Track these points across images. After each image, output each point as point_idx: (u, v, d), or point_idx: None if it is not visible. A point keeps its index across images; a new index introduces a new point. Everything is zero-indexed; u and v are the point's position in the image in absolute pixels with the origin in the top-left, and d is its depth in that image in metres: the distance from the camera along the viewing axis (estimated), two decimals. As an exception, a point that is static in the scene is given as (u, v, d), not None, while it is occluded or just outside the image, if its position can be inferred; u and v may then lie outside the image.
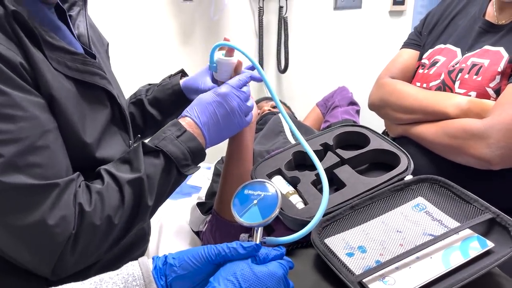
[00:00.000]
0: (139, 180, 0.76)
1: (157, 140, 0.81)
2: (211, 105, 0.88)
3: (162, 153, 0.80)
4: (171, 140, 0.82)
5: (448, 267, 0.74)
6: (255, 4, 1.95)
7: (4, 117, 0.63)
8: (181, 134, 0.83)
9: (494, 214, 0.81)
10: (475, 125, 1.01)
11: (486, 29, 1.14)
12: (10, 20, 0.67)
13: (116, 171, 0.77)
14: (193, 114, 0.87)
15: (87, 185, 0.74)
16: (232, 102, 0.90)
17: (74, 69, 0.77)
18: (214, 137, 0.89)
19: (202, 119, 0.86)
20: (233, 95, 0.90)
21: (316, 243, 0.83)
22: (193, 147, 0.83)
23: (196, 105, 0.89)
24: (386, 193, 0.93)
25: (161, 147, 0.80)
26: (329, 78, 2.17)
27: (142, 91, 1.18)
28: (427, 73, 1.23)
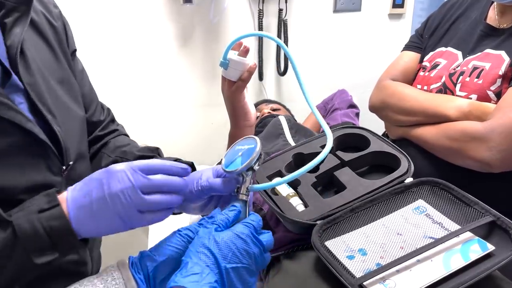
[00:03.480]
0: None
1: (18, 208, 0.64)
2: (92, 181, 0.66)
3: (10, 226, 0.62)
4: (30, 212, 0.63)
5: (448, 270, 0.74)
6: (254, 6, 1.95)
7: None
8: (48, 208, 0.63)
9: (495, 217, 0.81)
10: (476, 128, 1.01)
11: (488, 32, 1.14)
12: None
13: None
14: (73, 187, 0.67)
15: None
16: (115, 185, 0.63)
17: None
18: (82, 222, 0.64)
19: (73, 194, 0.66)
20: (123, 176, 0.64)
21: (316, 245, 0.82)
22: (56, 227, 0.62)
23: (84, 179, 0.68)
24: (387, 196, 0.93)
25: (12, 219, 0.62)
26: (328, 81, 2.17)
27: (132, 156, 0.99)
28: (428, 76, 1.23)
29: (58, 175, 0.79)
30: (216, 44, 1.95)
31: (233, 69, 1.01)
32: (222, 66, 1.00)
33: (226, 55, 0.99)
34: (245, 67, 1.02)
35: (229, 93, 1.08)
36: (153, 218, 0.66)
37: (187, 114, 2.00)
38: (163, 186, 0.66)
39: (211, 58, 1.96)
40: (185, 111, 1.99)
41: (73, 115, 0.87)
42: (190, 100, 1.99)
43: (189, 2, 1.79)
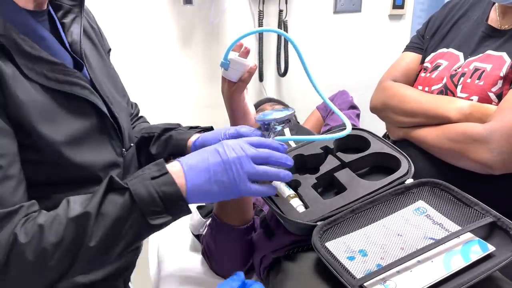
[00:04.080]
0: (85, 216, 0.67)
1: (131, 177, 0.72)
2: (205, 151, 0.77)
3: (128, 192, 0.70)
4: (143, 179, 0.71)
5: (449, 270, 0.74)
6: (255, 7, 1.96)
7: None
8: (159, 176, 0.72)
9: (495, 218, 0.81)
10: (477, 129, 1.01)
11: (489, 33, 1.14)
12: None
13: (73, 203, 0.69)
14: (184, 159, 0.76)
15: (35, 217, 0.68)
16: (230, 153, 0.75)
17: (53, 79, 0.76)
18: (198, 186, 0.73)
19: (189, 163, 0.75)
20: (236, 147, 0.76)
21: (317, 246, 0.82)
22: (168, 192, 0.71)
23: (195, 152, 0.79)
24: (387, 197, 0.93)
25: (129, 185, 0.70)
26: (329, 82, 2.17)
27: (158, 129, 1.10)
28: (429, 77, 1.23)
29: (120, 156, 0.90)
30: (216, 45, 1.95)
31: (234, 70, 1.01)
32: (222, 67, 1.00)
33: (227, 55, 0.99)
34: (245, 68, 1.02)
35: (229, 94, 1.08)
36: (258, 190, 0.76)
37: (187, 115, 2.00)
38: (270, 158, 0.77)
39: (211, 59, 1.96)
40: (185, 111, 1.99)
41: (121, 106, 0.96)
42: (190, 101, 2.00)
43: (190, 3, 1.79)
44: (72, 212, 0.67)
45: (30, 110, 0.71)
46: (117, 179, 0.71)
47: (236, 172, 0.74)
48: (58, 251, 0.66)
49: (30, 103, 0.71)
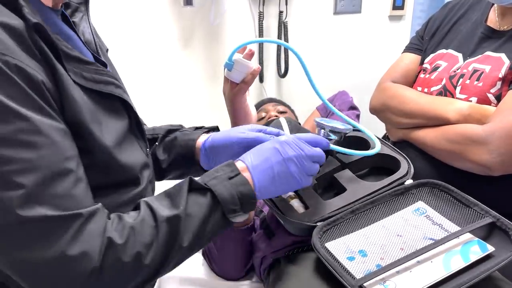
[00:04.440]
0: (176, 217, 0.70)
1: (208, 178, 0.75)
2: (266, 150, 0.82)
3: (209, 192, 0.74)
4: (222, 180, 0.75)
5: (448, 271, 0.74)
6: (255, 9, 1.96)
7: (24, 144, 0.58)
8: (234, 176, 0.76)
9: (494, 218, 0.82)
10: (476, 131, 1.01)
11: (488, 35, 1.15)
12: (32, 33, 0.62)
13: (156, 205, 0.71)
14: (246, 158, 0.81)
15: (120, 217, 0.69)
16: (291, 151, 0.81)
17: (90, 80, 0.73)
18: (265, 186, 0.79)
19: (254, 163, 0.80)
20: (294, 145, 0.82)
21: (317, 247, 0.83)
22: (244, 192, 0.76)
23: (252, 151, 0.83)
24: (387, 197, 0.93)
25: (210, 186, 0.74)
26: (329, 83, 2.17)
27: (162, 130, 1.10)
28: (428, 78, 1.23)
29: (147, 156, 0.89)
30: (216, 46, 1.95)
31: (237, 71, 1.02)
32: (226, 67, 1.01)
33: (232, 56, 0.99)
34: (249, 70, 1.03)
35: (231, 95, 1.09)
36: (309, 181, 0.84)
37: (188, 116, 2.01)
38: (322, 158, 0.86)
39: (211, 60, 1.96)
40: (186, 112, 1.99)
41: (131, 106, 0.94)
42: (191, 102, 2.00)
43: (190, 4, 1.79)
44: (162, 213, 0.69)
45: (84, 112, 0.69)
46: (196, 180, 0.74)
47: (298, 170, 0.81)
48: (152, 252, 0.67)
49: (83, 105, 0.69)
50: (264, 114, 1.74)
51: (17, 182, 0.57)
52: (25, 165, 0.58)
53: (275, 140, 0.83)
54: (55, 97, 0.64)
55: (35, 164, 0.59)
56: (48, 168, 0.60)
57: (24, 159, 0.58)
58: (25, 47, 0.61)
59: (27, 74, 0.59)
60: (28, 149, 0.59)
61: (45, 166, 0.60)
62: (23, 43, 0.61)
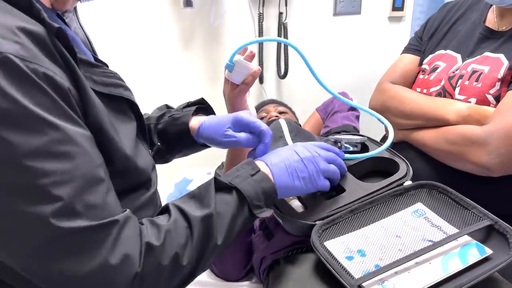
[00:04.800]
0: (209, 217, 0.71)
1: (230, 177, 0.78)
2: (284, 151, 0.88)
3: (235, 190, 0.75)
4: (244, 178, 0.78)
5: (447, 272, 0.74)
6: (255, 10, 1.96)
7: (59, 155, 0.57)
8: (255, 173, 0.79)
9: (493, 221, 0.82)
10: (475, 132, 1.01)
11: (487, 35, 1.15)
12: (53, 39, 0.61)
13: (186, 206, 0.72)
14: (265, 158, 0.86)
15: (152, 221, 0.68)
16: (307, 152, 0.87)
17: (100, 83, 0.72)
18: (285, 181, 0.83)
19: (273, 161, 0.84)
20: (310, 149, 0.88)
21: (315, 245, 0.83)
22: (267, 188, 0.79)
23: (270, 153, 0.88)
24: (386, 198, 0.93)
25: (235, 184, 0.76)
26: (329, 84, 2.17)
27: (152, 118, 1.10)
28: (427, 79, 1.23)
29: (151, 158, 0.87)
30: (216, 47, 1.96)
31: (238, 72, 1.02)
32: (227, 68, 1.01)
33: (233, 57, 0.99)
34: (249, 71, 1.03)
35: (231, 96, 1.09)
36: (327, 184, 0.89)
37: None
38: (336, 161, 0.92)
39: (211, 61, 1.97)
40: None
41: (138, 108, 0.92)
42: (191, 103, 2.00)
43: (190, 5, 1.79)
44: (194, 214, 0.70)
45: (104, 118, 0.67)
46: (220, 179, 0.76)
47: (314, 169, 0.86)
48: (188, 253, 0.68)
49: (102, 111, 0.68)
50: (264, 114, 1.74)
51: (55, 194, 0.55)
52: (61, 177, 0.56)
53: (293, 145, 0.90)
54: (79, 104, 0.63)
55: (71, 174, 0.58)
56: (83, 177, 0.59)
57: (60, 171, 0.57)
58: (48, 53, 0.59)
59: (55, 82, 0.57)
60: (63, 160, 0.57)
61: (80, 176, 0.58)
62: (47, 49, 0.59)
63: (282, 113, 1.86)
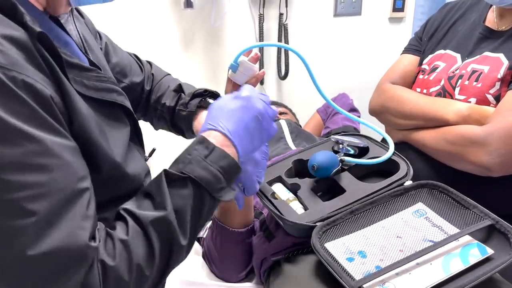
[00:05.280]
0: (165, 218, 0.64)
1: (182, 164, 0.68)
2: (236, 111, 0.75)
3: (190, 180, 0.67)
4: (198, 162, 0.68)
5: (448, 273, 0.74)
6: (255, 11, 1.96)
7: (35, 168, 0.54)
8: (210, 152, 0.69)
9: (494, 221, 0.82)
10: (475, 132, 1.01)
11: (486, 35, 1.15)
12: (36, 44, 0.58)
13: (138, 209, 0.65)
14: (218, 125, 0.73)
15: (109, 234, 0.63)
16: (258, 104, 0.76)
17: (92, 88, 0.69)
18: (246, 147, 0.75)
19: (230, 128, 0.72)
20: (257, 97, 0.77)
21: (316, 247, 0.83)
22: (226, 166, 0.70)
23: (218, 114, 0.75)
24: (386, 198, 0.93)
25: (188, 173, 0.67)
26: (329, 85, 2.17)
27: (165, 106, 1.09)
28: (427, 79, 1.23)
29: (145, 161, 0.85)
30: (217, 48, 1.96)
31: (241, 73, 1.02)
32: (231, 69, 1.01)
33: (238, 58, 0.99)
34: (253, 73, 1.03)
35: None
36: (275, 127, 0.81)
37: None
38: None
39: (212, 62, 1.97)
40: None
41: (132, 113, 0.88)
42: (191, 104, 2.00)
43: (190, 6, 1.79)
44: (147, 219, 0.64)
45: (92, 126, 0.65)
46: (172, 171, 0.67)
47: (267, 120, 0.77)
48: (151, 262, 0.63)
49: (89, 118, 0.65)
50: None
51: (29, 209, 0.53)
52: (37, 191, 0.54)
53: (235, 97, 0.77)
54: (63, 112, 0.60)
55: (48, 188, 0.55)
56: (61, 191, 0.56)
57: (36, 184, 0.54)
58: (31, 59, 0.57)
59: (35, 89, 0.55)
60: (40, 173, 0.54)
61: (58, 190, 0.56)
62: (29, 55, 0.57)
63: (282, 113, 1.86)
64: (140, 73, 1.12)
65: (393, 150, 1.04)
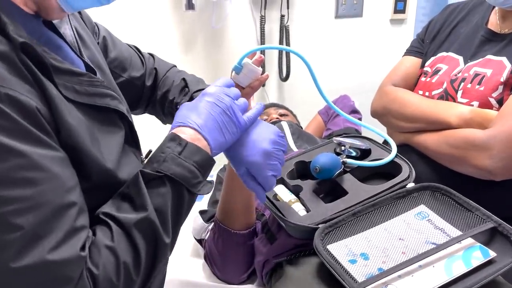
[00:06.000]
0: (147, 219, 0.65)
1: (157, 163, 0.68)
2: (203, 107, 0.76)
3: (166, 178, 0.67)
4: (173, 159, 0.69)
5: (450, 276, 0.74)
6: (256, 13, 1.96)
7: (21, 182, 0.53)
8: (183, 149, 0.70)
9: (496, 223, 0.82)
10: (477, 135, 1.01)
11: (489, 37, 1.14)
12: (20, 54, 0.57)
13: (118, 212, 0.65)
14: (187, 121, 0.74)
15: (92, 241, 0.62)
16: (224, 98, 0.77)
17: (83, 93, 0.67)
18: (217, 140, 0.75)
19: (198, 123, 0.73)
20: (222, 92, 0.78)
21: (318, 249, 0.83)
22: (200, 160, 0.70)
23: (186, 111, 0.76)
24: (388, 200, 0.93)
25: (164, 171, 0.67)
26: (330, 87, 2.17)
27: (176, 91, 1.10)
28: (429, 81, 1.23)
29: (141, 163, 0.84)
30: (218, 50, 1.96)
31: (245, 75, 1.01)
32: (234, 70, 1.00)
33: (242, 60, 0.99)
34: (257, 75, 1.03)
35: None
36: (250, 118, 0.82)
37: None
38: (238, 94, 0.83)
39: (213, 64, 1.97)
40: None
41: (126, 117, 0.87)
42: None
43: (192, 8, 1.80)
44: (129, 221, 0.64)
45: (81, 135, 0.64)
46: (148, 171, 0.68)
47: (235, 113, 0.78)
48: (137, 264, 0.64)
49: (78, 125, 0.64)
50: (265, 117, 1.74)
51: (14, 223, 0.52)
52: (23, 205, 0.53)
53: (202, 94, 0.79)
54: (50, 121, 0.59)
55: (34, 202, 0.54)
56: (49, 204, 0.56)
57: (22, 198, 0.53)
58: (14, 71, 0.56)
59: (19, 103, 0.54)
60: (26, 187, 0.54)
61: (45, 203, 0.55)
62: (12, 67, 0.56)
63: (283, 115, 1.86)
64: (141, 67, 1.10)
65: (396, 152, 1.04)
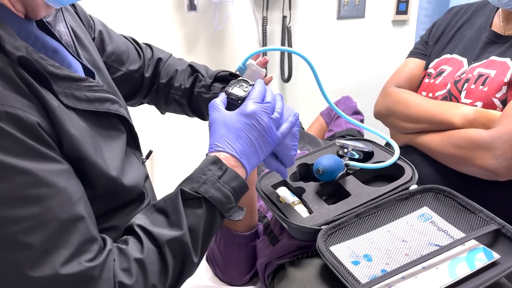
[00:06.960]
0: (181, 238, 0.66)
1: (197, 184, 0.70)
2: (242, 130, 0.75)
3: (204, 200, 0.69)
4: (212, 183, 0.70)
5: (454, 278, 0.74)
6: (258, 14, 1.96)
7: (27, 200, 0.53)
8: (223, 174, 0.71)
9: (500, 225, 0.81)
10: (481, 135, 1.01)
11: (493, 39, 1.15)
12: (17, 68, 0.55)
13: (153, 227, 0.66)
14: (227, 146, 0.74)
15: (122, 251, 0.63)
16: (263, 119, 0.76)
17: (83, 99, 0.66)
18: (253, 164, 0.77)
19: (238, 149, 0.74)
20: (261, 112, 0.77)
21: (321, 250, 0.82)
22: (236, 186, 0.72)
23: (224, 133, 0.75)
24: (392, 202, 0.93)
25: (203, 193, 0.69)
26: (333, 88, 2.17)
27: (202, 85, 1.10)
28: (433, 83, 1.23)
29: (143, 165, 0.84)
30: (220, 51, 1.96)
31: (249, 77, 1.01)
32: (238, 71, 1.00)
33: (246, 61, 0.99)
34: (261, 77, 1.03)
35: None
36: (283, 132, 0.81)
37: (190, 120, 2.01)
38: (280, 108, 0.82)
39: (215, 65, 1.96)
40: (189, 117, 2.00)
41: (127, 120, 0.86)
42: (195, 107, 2.00)
43: (194, 9, 1.80)
44: (163, 238, 0.65)
45: (84, 145, 0.63)
46: (187, 190, 0.69)
47: (271, 133, 0.78)
48: (164, 280, 0.65)
49: (81, 135, 0.63)
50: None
51: (23, 242, 0.52)
52: (31, 223, 0.53)
53: (240, 114, 0.77)
54: (51, 134, 0.58)
55: (42, 219, 0.54)
56: (57, 220, 0.55)
57: (30, 216, 0.53)
58: (12, 87, 0.55)
59: (19, 119, 0.53)
60: (33, 204, 0.53)
61: (53, 219, 0.55)
62: (10, 82, 0.54)
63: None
64: (138, 59, 1.08)
65: (398, 154, 1.04)
